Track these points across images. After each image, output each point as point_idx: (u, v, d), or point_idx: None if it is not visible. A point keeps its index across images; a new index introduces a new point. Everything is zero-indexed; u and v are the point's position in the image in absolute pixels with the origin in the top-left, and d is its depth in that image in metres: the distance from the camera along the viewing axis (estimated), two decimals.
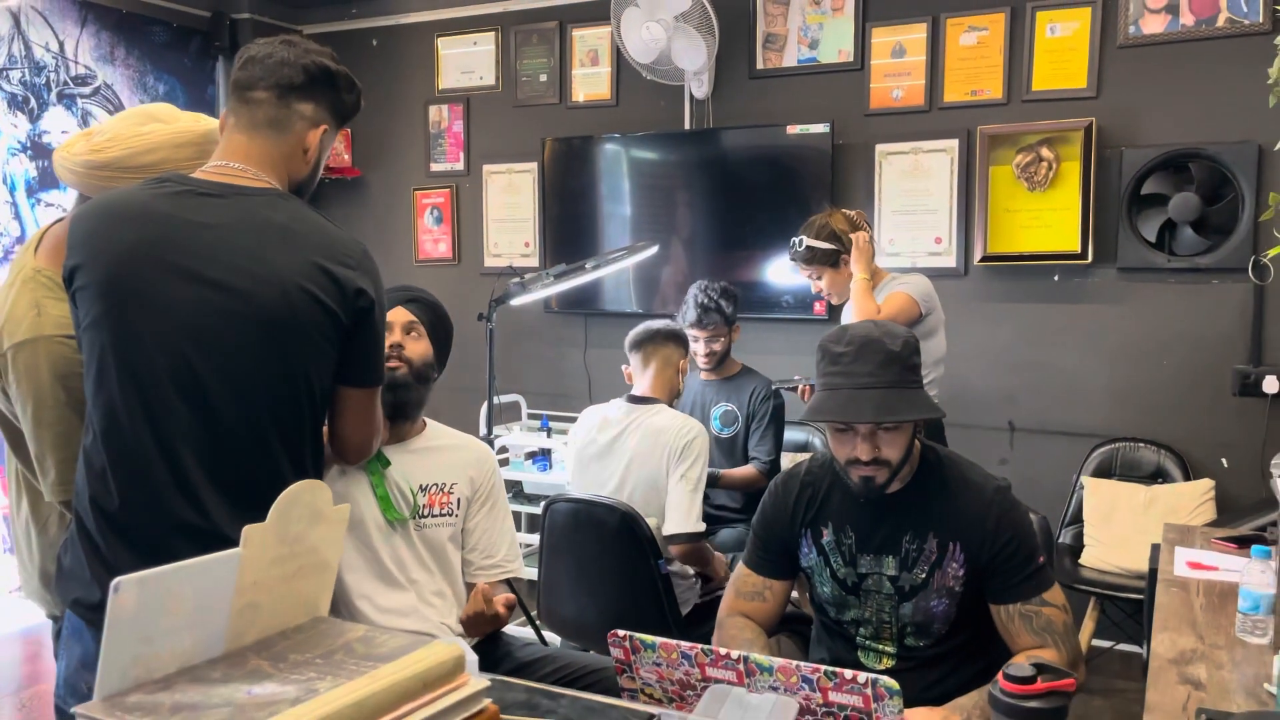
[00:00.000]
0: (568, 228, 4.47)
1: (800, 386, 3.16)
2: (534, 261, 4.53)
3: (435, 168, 4.82)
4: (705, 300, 3.17)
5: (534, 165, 4.53)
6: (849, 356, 1.72)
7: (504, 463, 3.83)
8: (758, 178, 4.05)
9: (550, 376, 4.58)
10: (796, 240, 2.92)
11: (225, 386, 1.50)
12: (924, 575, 1.78)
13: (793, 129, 3.94)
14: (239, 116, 1.60)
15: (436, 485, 2.14)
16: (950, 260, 3.83)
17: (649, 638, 1.43)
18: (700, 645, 1.37)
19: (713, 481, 3.06)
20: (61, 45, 4.25)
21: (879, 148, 3.91)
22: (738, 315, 3.28)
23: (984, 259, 3.75)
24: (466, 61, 4.71)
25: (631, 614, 2.61)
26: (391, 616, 2.05)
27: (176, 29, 4.69)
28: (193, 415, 1.49)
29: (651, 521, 2.58)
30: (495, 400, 3.09)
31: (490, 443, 3.08)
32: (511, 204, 4.65)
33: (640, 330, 2.85)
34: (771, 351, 4.04)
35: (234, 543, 1.52)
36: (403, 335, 2.08)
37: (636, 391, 2.76)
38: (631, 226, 4.32)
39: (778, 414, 3.24)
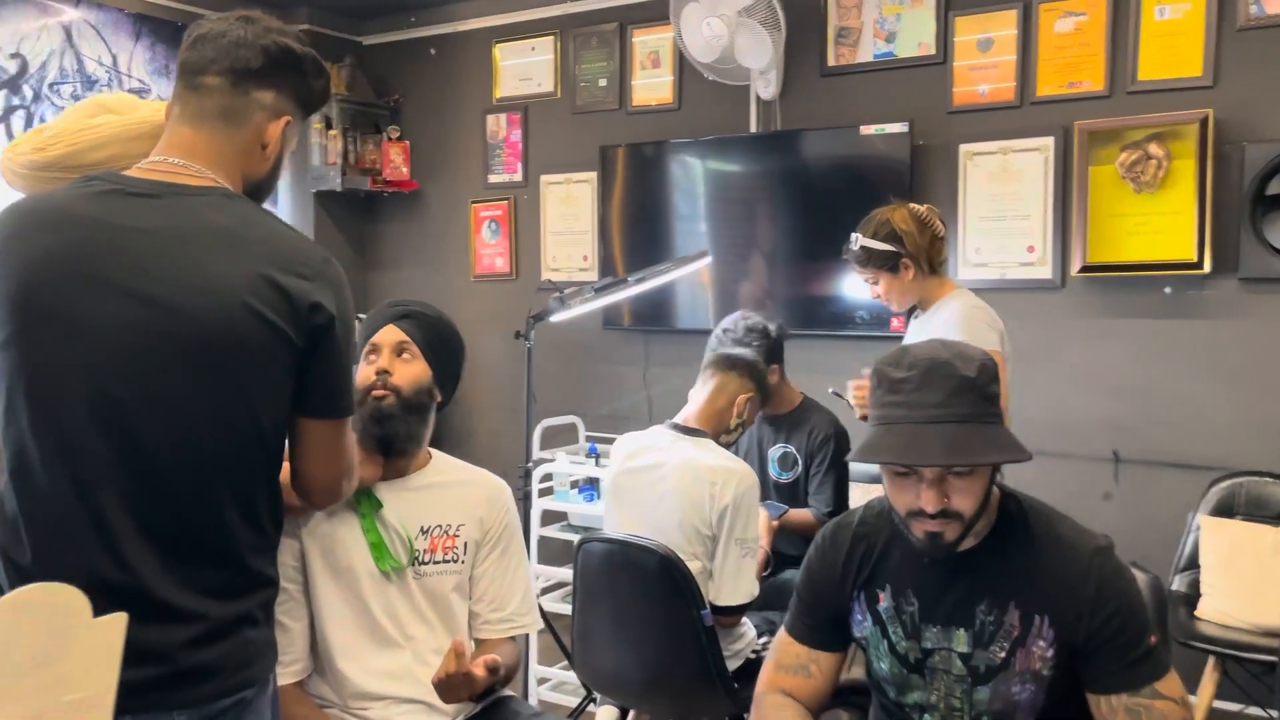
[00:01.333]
0: (626, 239, 4.22)
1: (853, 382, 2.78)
2: (593, 276, 4.28)
3: (493, 179, 4.62)
4: (717, 344, 2.78)
5: (592, 175, 4.29)
6: (911, 383, 1.40)
7: (548, 491, 3.57)
8: (829, 183, 3.73)
9: (609, 397, 4.33)
10: (853, 238, 2.52)
11: (153, 420, 1.27)
12: (1003, 654, 1.45)
13: (867, 129, 3.62)
14: (185, 105, 1.38)
15: (440, 527, 1.89)
16: (1045, 271, 3.45)
17: None
18: None
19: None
20: (115, 59, 4.18)
21: (963, 148, 3.55)
22: (777, 350, 2.87)
23: (1084, 269, 3.36)
24: (525, 68, 4.51)
25: (674, 669, 2.33)
26: (381, 680, 1.80)
27: None
28: (115, 454, 1.26)
29: (694, 566, 2.29)
30: (533, 423, 2.83)
31: (528, 471, 2.82)
32: (569, 215, 4.42)
33: (719, 349, 2.58)
34: (844, 372, 3.69)
35: (164, 604, 1.27)
36: (391, 358, 1.83)
37: (681, 417, 2.45)
38: (693, 237, 4.03)
39: (839, 457, 2.85)
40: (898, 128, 3.56)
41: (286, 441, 1.41)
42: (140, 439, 1.27)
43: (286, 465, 1.45)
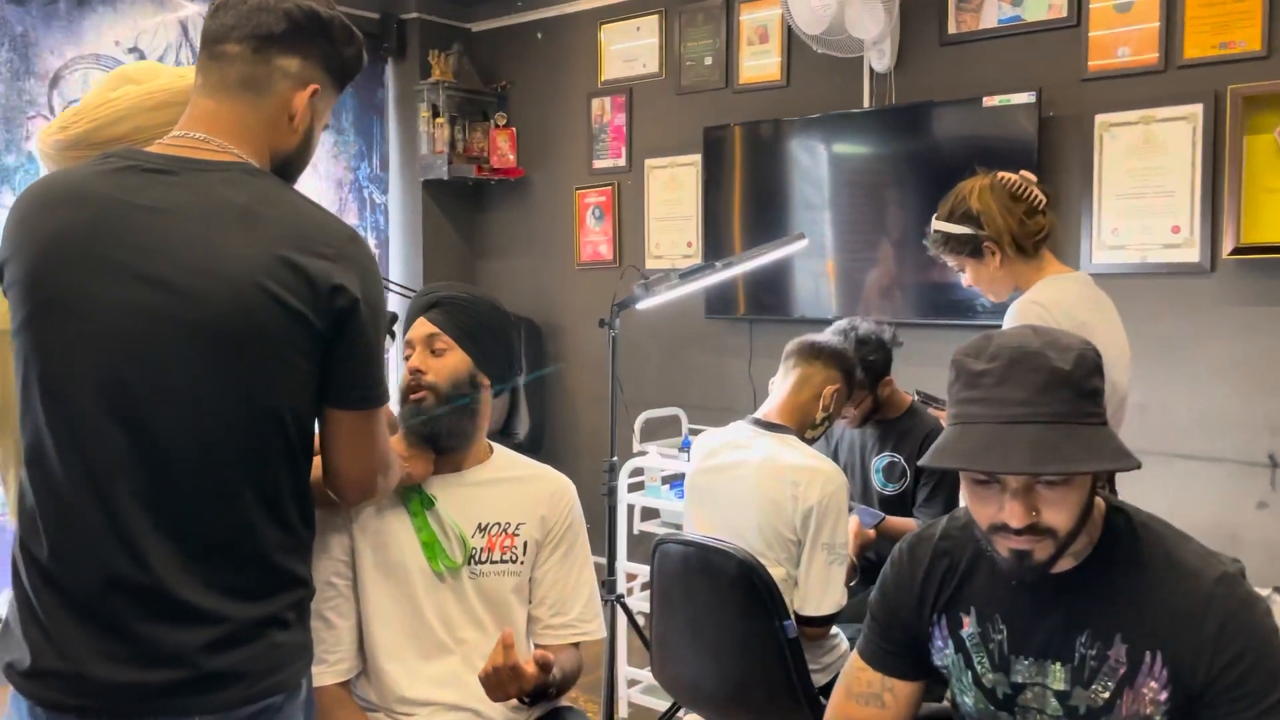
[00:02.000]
0: (731, 224, 4.03)
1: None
2: (697, 262, 4.12)
3: (598, 164, 4.51)
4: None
5: (696, 158, 4.13)
6: (993, 376, 1.19)
7: (639, 486, 3.43)
8: (948, 160, 3.45)
9: (712, 389, 4.16)
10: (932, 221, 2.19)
11: (167, 411, 1.20)
12: (1107, 695, 1.23)
13: (990, 101, 3.33)
14: (207, 76, 1.29)
15: (498, 525, 1.78)
16: (1192, 254, 3.09)
17: None
18: None
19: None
20: None
21: (1099, 119, 3.23)
22: (889, 362, 2.61)
23: (1236, 251, 3.00)
24: (629, 50, 4.38)
25: (755, 683, 2.15)
26: (426, 686, 1.69)
27: None
28: (130, 446, 1.19)
29: (777, 572, 2.11)
30: (618, 415, 2.69)
31: (612, 466, 2.68)
32: (673, 200, 4.26)
33: (800, 337, 2.37)
34: None
35: (184, 604, 1.20)
36: (425, 355, 1.72)
37: (762, 412, 2.27)
38: (800, 220, 3.82)
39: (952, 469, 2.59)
40: (1024, 98, 3.26)
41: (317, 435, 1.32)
42: (154, 431, 1.19)
43: (318, 460, 1.36)
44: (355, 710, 1.67)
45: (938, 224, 2.15)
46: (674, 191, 4.26)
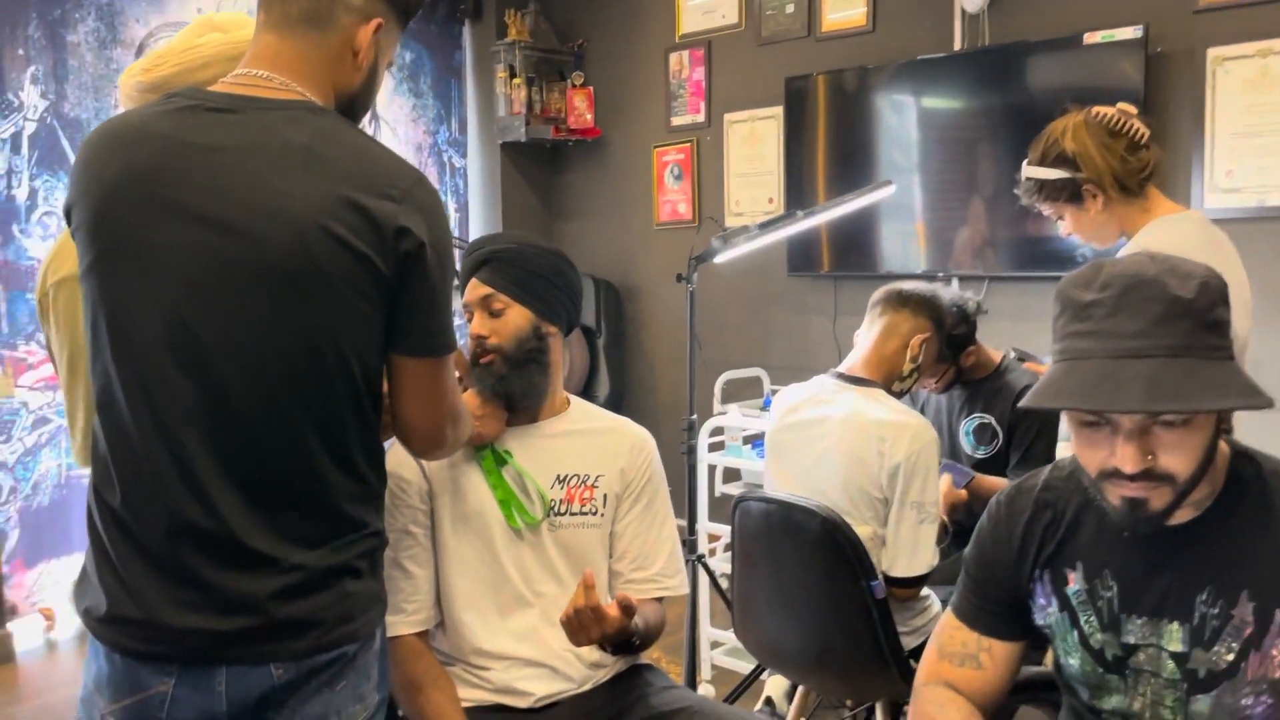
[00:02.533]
0: (814, 178, 3.90)
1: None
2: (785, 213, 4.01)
3: (676, 121, 4.42)
4: None
5: (777, 110, 4.00)
6: (1105, 306, 1.08)
7: (719, 447, 3.36)
8: (1045, 106, 3.25)
9: (795, 348, 4.06)
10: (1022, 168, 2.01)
11: (232, 356, 1.17)
12: (1231, 656, 1.12)
13: (1092, 38, 3.14)
14: (269, 11, 1.25)
15: (577, 477, 1.73)
16: None
17: None
18: None
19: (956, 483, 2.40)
20: None
21: (1211, 53, 3.01)
22: (974, 333, 2.47)
23: None
24: (708, 1, 4.26)
25: (840, 644, 2.08)
26: (504, 638, 1.66)
27: None
28: (196, 392, 1.17)
29: (863, 531, 2.02)
30: (696, 373, 2.62)
31: (691, 424, 2.62)
32: (753, 155, 4.15)
33: (887, 285, 2.25)
34: None
35: (257, 552, 1.17)
36: (484, 317, 1.67)
37: (846, 365, 2.17)
38: (888, 171, 3.67)
39: (1048, 427, 2.39)
40: (1130, 33, 3.06)
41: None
42: (219, 377, 1.17)
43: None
44: (433, 662, 1.64)
45: (1030, 170, 1.97)
46: (754, 146, 4.14)
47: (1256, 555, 1.12)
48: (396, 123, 4.55)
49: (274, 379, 1.18)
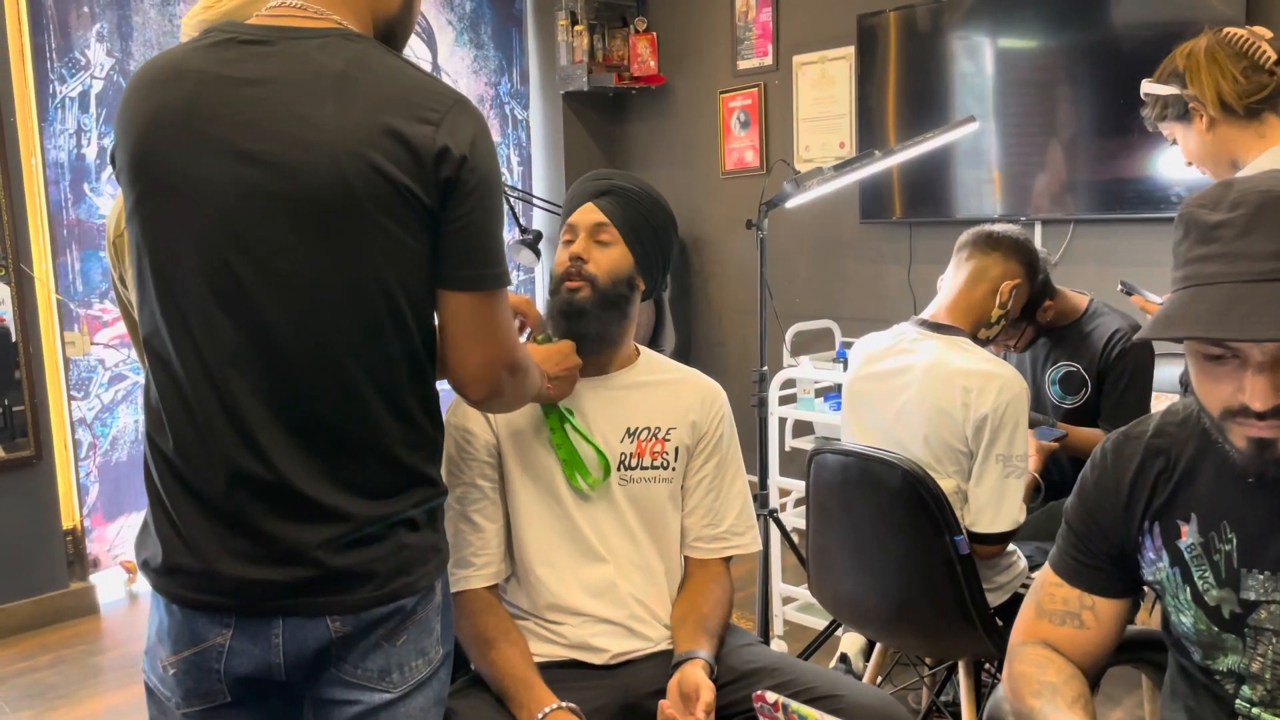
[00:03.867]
0: (886, 122, 3.76)
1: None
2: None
3: (742, 65, 4.29)
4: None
5: (849, 50, 3.85)
6: (1234, 227, 0.98)
7: (790, 400, 3.28)
8: (1131, 41, 3.09)
9: (868, 300, 3.94)
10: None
11: (275, 295, 1.13)
12: None
13: None
14: None
15: (648, 430, 1.69)
16: None
17: (804, 710, 0.88)
18: None
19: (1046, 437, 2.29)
20: None
21: None
22: (1049, 284, 2.30)
23: None
24: None
25: (922, 602, 2.01)
26: (579, 593, 1.63)
27: None
28: (240, 334, 1.13)
29: (947, 484, 1.94)
30: (766, 323, 2.55)
31: (762, 376, 2.55)
32: (824, 99, 4.01)
33: (976, 228, 2.14)
34: (1158, 264, 3.12)
35: (310, 501, 1.12)
36: (588, 242, 1.62)
37: (930, 312, 2.07)
38: (963, 113, 3.51)
39: (1142, 372, 2.29)
40: None
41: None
42: (264, 316, 1.13)
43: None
44: (504, 616, 1.61)
45: (1145, 86, 1.92)
46: (825, 89, 4.00)
47: None
48: (458, 75, 4.50)
49: (317, 317, 1.13)
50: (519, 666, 1.53)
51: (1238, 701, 1.14)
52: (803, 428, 3.44)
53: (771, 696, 0.96)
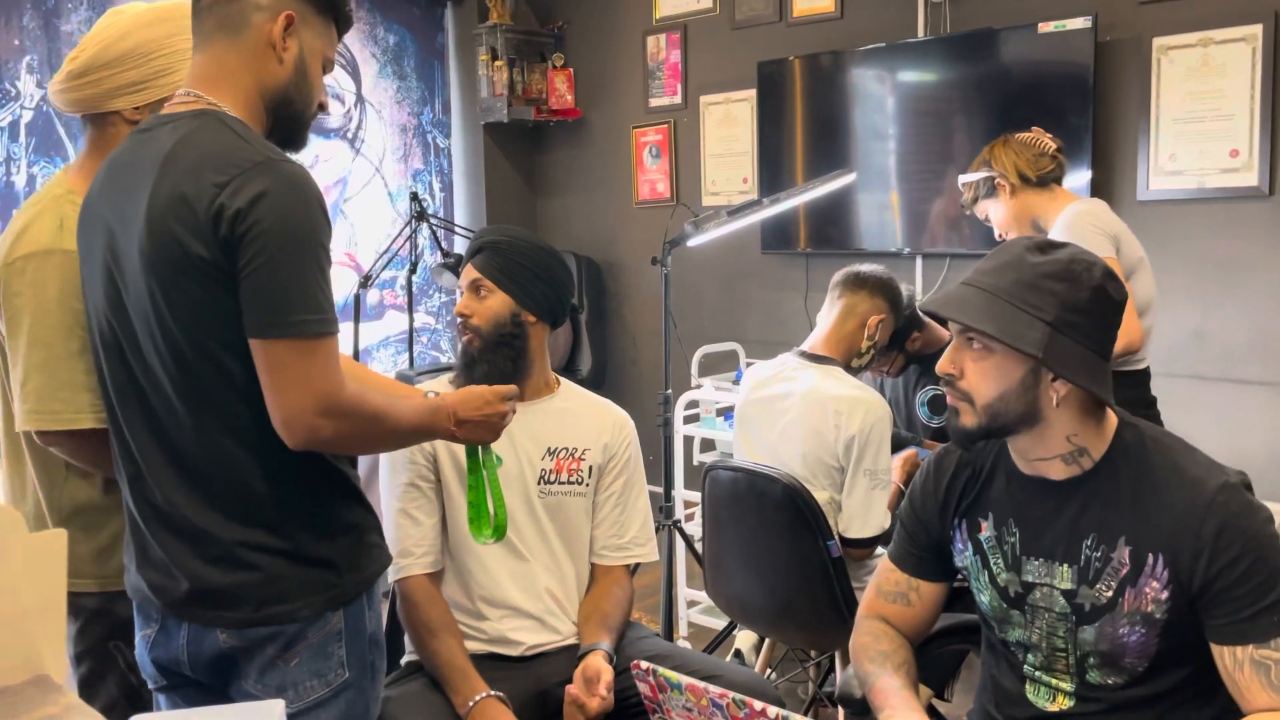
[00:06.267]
0: (791, 157, 4.07)
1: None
2: (753, 198, 4.16)
3: (654, 103, 4.57)
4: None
5: (751, 93, 4.16)
6: (987, 259, 1.36)
7: (695, 419, 3.55)
8: (1007, 88, 3.43)
9: (769, 323, 4.24)
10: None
11: (134, 355, 1.33)
12: (1110, 593, 1.32)
13: (1045, 27, 3.30)
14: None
15: (565, 450, 1.92)
16: (1250, 178, 3.06)
17: (675, 676, 1.14)
18: (732, 695, 1.04)
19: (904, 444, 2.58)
20: None
21: (1157, 42, 3.18)
22: (916, 318, 2.57)
23: None
24: None
25: (801, 598, 2.27)
26: (505, 585, 1.86)
27: None
28: (129, 381, 1.36)
29: (821, 496, 2.21)
30: (671, 350, 2.80)
31: (666, 399, 2.80)
32: (729, 137, 4.31)
33: (846, 268, 2.43)
34: None
35: (188, 523, 1.32)
36: (469, 297, 1.86)
37: (809, 344, 2.35)
38: (862, 151, 3.84)
39: None
40: (1079, 23, 3.23)
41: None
42: (132, 371, 1.33)
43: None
44: (446, 609, 1.81)
45: (961, 177, 2.46)
46: (729, 128, 4.30)
47: (1133, 506, 1.31)
48: (381, 105, 4.68)
49: (166, 372, 1.29)
50: (458, 656, 1.74)
51: (1025, 667, 1.43)
52: (708, 443, 3.70)
53: (645, 664, 1.19)
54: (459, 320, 1.86)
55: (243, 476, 1.29)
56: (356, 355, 3.73)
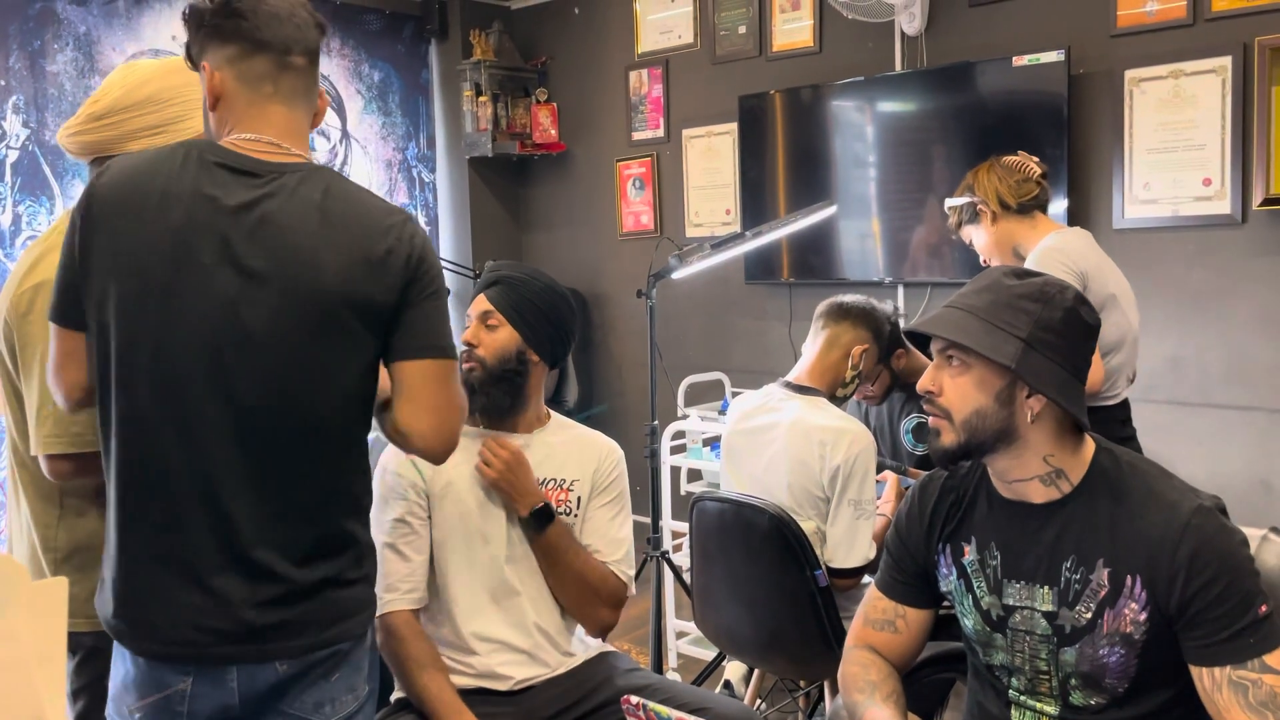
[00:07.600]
0: (773, 189, 4.12)
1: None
2: (735, 229, 4.21)
3: (636, 136, 4.62)
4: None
5: (732, 126, 4.21)
6: (966, 286, 1.42)
7: (682, 449, 3.57)
8: (983, 120, 3.50)
9: (754, 353, 4.27)
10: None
11: (253, 381, 1.34)
12: (1089, 615, 1.34)
13: (1019, 61, 3.37)
14: (278, 84, 1.39)
15: (554, 481, 1.93)
16: (1222, 206, 3.12)
17: (664, 710, 1.15)
18: None
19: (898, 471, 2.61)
20: None
21: (1129, 74, 3.25)
22: (897, 337, 2.53)
23: (1267, 202, 3.02)
24: (665, 21, 4.46)
25: (789, 630, 2.28)
26: (494, 621, 1.85)
27: (389, 16, 4.77)
28: (225, 412, 1.35)
29: (807, 526, 2.23)
30: (657, 381, 2.83)
31: (653, 429, 2.82)
32: (711, 169, 4.36)
33: (830, 299, 2.46)
34: None
35: (253, 562, 1.34)
36: (478, 327, 1.87)
37: (793, 375, 2.37)
38: (842, 182, 3.89)
39: None
40: (1053, 57, 3.30)
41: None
42: (245, 400, 1.33)
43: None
44: (432, 644, 1.81)
45: (947, 201, 2.49)
46: (711, 160, 4.35)
47: (1111, 530, 1.34)
48: (367, 141, 4.71)
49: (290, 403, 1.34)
50: (448, 691, 1.74)
51: (1010, 691, 1.45)
52: (694, 474, 3.72)
53: (635, 699, 1.20)
54: (464, 348, 1.87)
55: (328, 513, 1.36)
56: None
